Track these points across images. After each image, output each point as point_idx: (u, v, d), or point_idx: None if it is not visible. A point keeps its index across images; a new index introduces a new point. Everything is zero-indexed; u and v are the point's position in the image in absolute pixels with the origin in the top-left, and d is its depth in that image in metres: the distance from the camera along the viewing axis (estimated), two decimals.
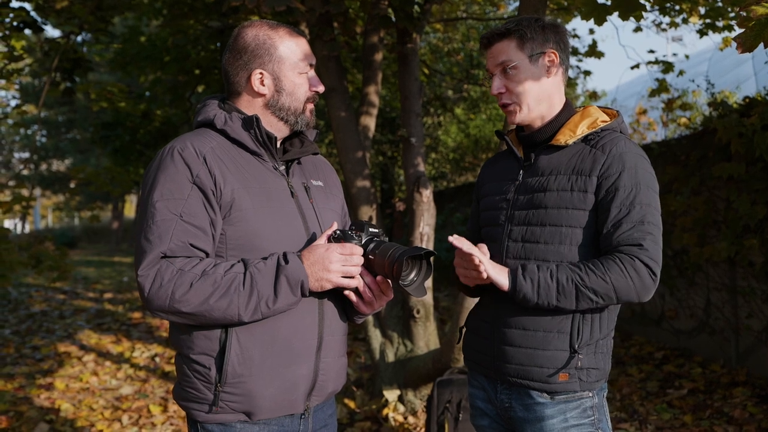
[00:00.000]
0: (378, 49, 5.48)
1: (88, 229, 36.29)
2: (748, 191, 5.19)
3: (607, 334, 1.95)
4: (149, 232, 1.73)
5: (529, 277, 1.84)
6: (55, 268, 5.74)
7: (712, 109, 6.15)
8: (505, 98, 2.03)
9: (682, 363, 5.85)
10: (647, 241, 1.82)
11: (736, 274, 5.58)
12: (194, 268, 1.71)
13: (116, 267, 18.97)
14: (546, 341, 1.89)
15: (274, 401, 1.80)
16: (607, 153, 1.89)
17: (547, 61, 1.99)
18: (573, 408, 1.91)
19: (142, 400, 5.51)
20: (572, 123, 2.01)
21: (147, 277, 1.71)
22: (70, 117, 25.28)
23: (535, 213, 1.94)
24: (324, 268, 1.77)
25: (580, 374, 1.90)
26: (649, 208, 1.85)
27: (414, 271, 1.78)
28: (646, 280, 1.81)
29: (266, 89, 1.91)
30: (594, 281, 1.80)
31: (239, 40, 1.93)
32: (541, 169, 1.99)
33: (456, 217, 12.01)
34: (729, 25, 6.28)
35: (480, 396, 2.11)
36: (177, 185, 1.75)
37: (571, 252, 1.89)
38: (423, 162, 4.89)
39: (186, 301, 1.68)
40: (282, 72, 1.91)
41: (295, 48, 1.93)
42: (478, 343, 2.08)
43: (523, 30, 1.97)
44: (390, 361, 4.87)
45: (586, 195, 1.88)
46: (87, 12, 5.69)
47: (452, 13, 9.44)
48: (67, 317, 9.48)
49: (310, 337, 1.85)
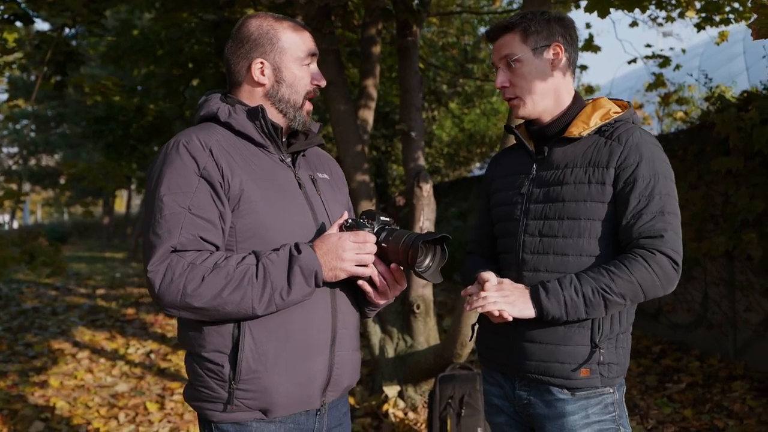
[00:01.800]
0: (376, 42, 5.44)
1: (78, 225, 36.13)
2: (747, 185, 5.19)
3: (626, 329, 1.93)
4: (158, 227, 1.68)
5: (554, 298, 1.81)
6: (49, 264, 5.69)
7: (710, 103, 6.14)
8: (509, 92, 2.01)
9: (679, 357, 5.86)
10: (668, 232, 1.80)
11: (734, 268, 5.58)
12: (205, 261, 1.66)
13: (108, 263, 18.85)
14: (567, 336, 1.87)
15: (290, 397, 1.76)
16: (623, 144, 1.87)
17: (552, 54, 1.96)
18: (594, 404, 1.89)
19: (138, 398, 5.46)
20: (584, 115, 1.99)
21: (157, 272, 1.65)
22: (60, 111, 25.06)
23: (553, 206, 1.91)
24: (337, 257, 1.73)
25: (601, 369, 1.87)
26: (668, 198, 1.84)
27: (429, 257, 1.75)
28: (669, 273, 1.80)
29: (266, 79, 1.88)
30: (621, 285, 1.78)
31: (242, 29, 1.91)
32: (555, 162, 1.96)
33: (451, 212, 12.00)
34: (726, 19, 6.28)
35: (496, 393, 2.08)
36: (184, 178, 1.71)
37: (590, 245, 1.86)
38: (423, 156, 4.86)
39: (198, 295, 1.64)
40: (283, 63, 1.88)
41: (299, 40, 1.90)
42: (494, 340, 2.05)
43: (527, 23, 1.95)
44: (390, 357, 4.85)
45: (604, 187, 1.86)
46: (80, 4, 5.61)
47: (447, 7, 9.40)
48: (60, 314, 9.39)
49: (323, 330, 1.82)
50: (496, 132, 13.12)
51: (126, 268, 16.79)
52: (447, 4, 9.40)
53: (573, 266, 1.87)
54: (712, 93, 6.20)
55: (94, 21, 6.35)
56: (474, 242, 2.25)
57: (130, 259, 19.77)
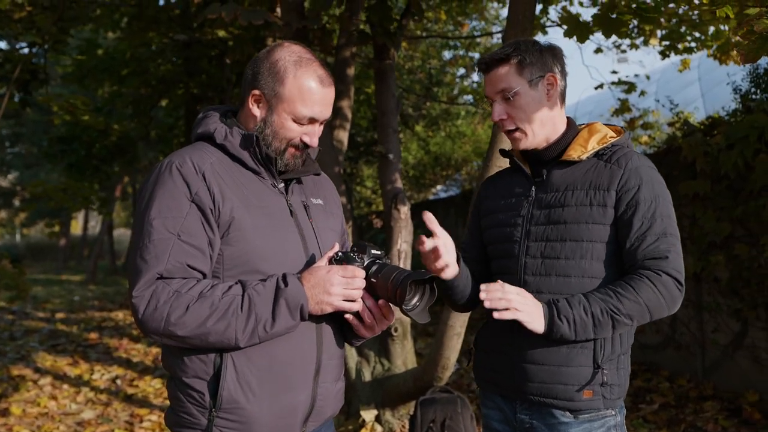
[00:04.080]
0: (350, 64, 5.46)
1: (32, 247, 35.16)
2: (714, 208, 5.32)
3: (627, 350, 1.95)
4: (145, 252, 1.65)
5: (564, 317, 1.82)
6: (12, 287, 5.52)
7: (675, 128, 6.31)
8: (508, 124, 2.01)
9: (649, 377, 5.94)
10: (672, 253, 1.83)
11: (701, 289, 5.70)
12: (191, 290, 1.64)
13: (65, 285, 18.38)
14: (570, 357, 1.87)
15: (271, 428, 1.74)
16: (623, 167, 1.90)
17: (546, 85, 1.99)
18: (598, 427, 1.89)
19: (105, 425, 5.30)
20: (581, 139, 2.02)
21: (142, 298, 1.63)
22: (16, 131, 24.51)
23: (554, 228, 1.93)
24: (325, 291, 1.70)
25: (603, 391, 1.88)
26: (669, 219, 1.87)
27: (417, 296, 1.74)
28: (674, 293, 1.82)
29: (258, 112, 1.83)
30: (628, 306, 1.80)
31: (271, 53, 1.83)
32: (555, 184, 1.97)
33: (417, 233, 12.04)
34: (688, 48, 6.48)
35: (495, 417, 2.07)
36: (175, 202, 1.68)
37: (592, 267, 1.88)
38: (400, 178, 4.87)
39: (182, 324, 1.62)
40: (276, 108, 1.81)
41: (305, 95, 1.79)
42: (493, 363, 2.04)
43: (523, 55, 1.96)
44: (367, 381, 4.80)
45: (606, 209, 1.88)
46: (50, 23, 5.52)
47: (415, 31, 9.50)
48: (18, 338, 9.10)
49: (308, 362, 1.79)
50: (461, 154, 13.25)
51: (84, 291, 16.39)
52: (415, 28, 9.50)
53: (575, 287, 1.88)
54: (678, 118, 6.37)
55: (62, 40, 6.25)
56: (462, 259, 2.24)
57: (88, 282, 19.32)
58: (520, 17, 3.50)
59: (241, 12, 3.93)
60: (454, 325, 4.05)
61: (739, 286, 5.17)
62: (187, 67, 7.37)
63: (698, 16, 5.48)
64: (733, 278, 5.19)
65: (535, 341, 1.89)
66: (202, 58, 7.30)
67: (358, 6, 5.12)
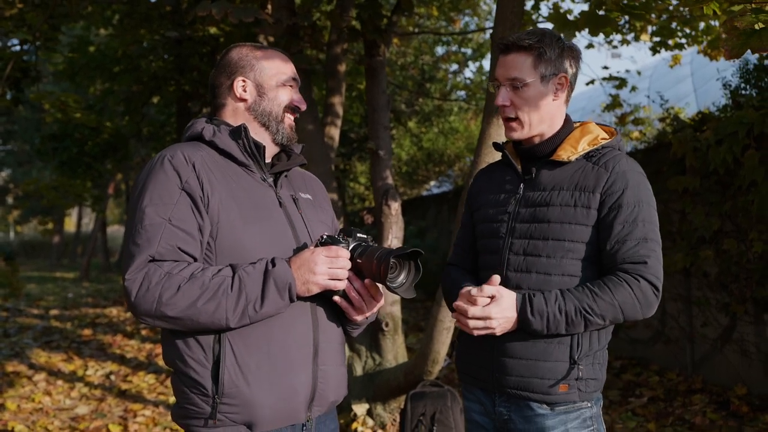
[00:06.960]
0: (342, 60, 5.48)
1: (25, 244, 35.08)
2: (703, 204, 5.36)
3: (604, 346, 1.98)
4: (138, 237, 1.72)
5: (537, 313, 1.86)
6: (7, 285, 5.53)
7: (665, 124, 6.34)
8: (508, 111, 2.02)
9: (639, 372, 5.98)
10: (651, 259, 1.86)
11: (691, 284, 5.75)
12: (182, 271, 1.69)
13: (59, 282, 18.34)
14: (547, 352, 1.91)
15: (275, 410, 1.77)
16: (610, 170, 1.92)
17: (557, 83, 2.00)
18: (573, 419, 1.93)
19: (99, 420, 5.32)
20: (573, 139, 2.03)
21: (134, 280, 1.68)
22: (7, 128, 24.44)
23: (538, 227, 1.95)
24: (310, 271, 1.75)
25: (579, 385, 1.92)
26: (651, 225, 1.90)
27: (402, 273, 1.78)
28: (650, 298, 1.85)
29: (248, 95, 1.94)
30: (602, 307, 1.84)
31: (225, 57, 1.99)
32: (543, 183, 2.00)
33: (409, 230, 12.06)
34: (679, 44, 6.52)
35: (476, 409, 2.10)
36: (166, 191, 1.75)
37: (573, 266, 1.91)
38: (391, 174, 4.90)
39: (173, 304, 1.66)
40: (264, 80, 1.94)
41: (280, 64, 1.97)
42: (474, 356, 2.07)
43: (544, 48, 1.95)
44: (358, 375, 4.84)
45: (589, 211, 1.91)
46: (41, 20, 5.53)
47: (407, 27, 9.52)
48: (13, 335, 9.10)
49: (305, 344, 1.83)
50: (454, 150, 13.27)
51: (78, 288, 16.36)
52: (407, 24, 9.52)
53: (555, 285, 1.92)
54: (668, 114, 6.40)
55: (53, 37, 6.26)
56: (456, 254, 2.27)
57: (82, 279, 19.29)
58: (508, 14, 3.52)
59: (232, 9, 3.95)
60: (444, 320, 4.09)
61: (728, 280, 5.22)
62: (178, 64, 7.37)
63: (688, 11, 5.53)
64: (722, 273, 5.23)
65: (513, 336, 1.93)
66: (194, 55, 7.31)
67: (349, 3, 5.15)
